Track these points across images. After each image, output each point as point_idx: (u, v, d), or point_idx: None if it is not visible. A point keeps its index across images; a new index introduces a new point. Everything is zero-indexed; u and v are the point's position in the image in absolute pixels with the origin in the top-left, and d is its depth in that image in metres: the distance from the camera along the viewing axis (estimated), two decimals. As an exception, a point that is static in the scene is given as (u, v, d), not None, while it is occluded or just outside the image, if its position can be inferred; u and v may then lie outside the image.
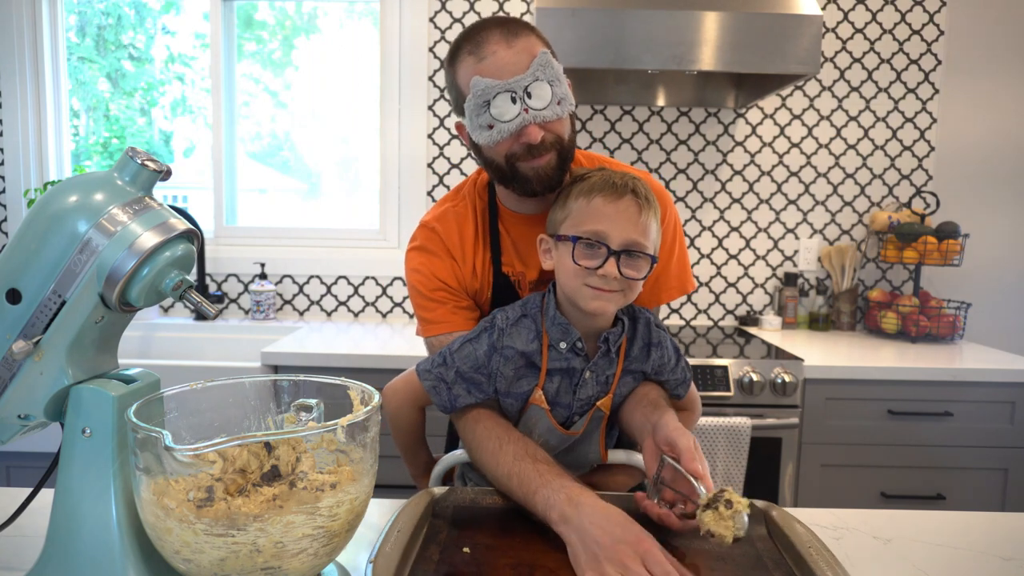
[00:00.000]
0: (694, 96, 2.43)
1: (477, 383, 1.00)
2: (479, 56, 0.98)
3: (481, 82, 0.97)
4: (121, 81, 2.81)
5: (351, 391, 0.77)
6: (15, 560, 0.77)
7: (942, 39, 2.48)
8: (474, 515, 0.89)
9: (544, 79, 0.97)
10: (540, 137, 0.99)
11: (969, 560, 0.84)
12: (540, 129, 0.99)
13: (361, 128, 2.69)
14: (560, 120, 1.01)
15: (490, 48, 0.98)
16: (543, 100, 0.98)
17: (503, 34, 0.99)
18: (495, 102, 0.97)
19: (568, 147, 1.03)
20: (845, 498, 1.96)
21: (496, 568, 0.76)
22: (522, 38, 0.99)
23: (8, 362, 0.70)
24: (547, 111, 0.98)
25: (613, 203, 0.94)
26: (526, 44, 0.99)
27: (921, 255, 2.31)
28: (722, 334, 2.39)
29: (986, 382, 1.94)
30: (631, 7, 1.90)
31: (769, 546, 0.81)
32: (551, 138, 1.00)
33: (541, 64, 0.97)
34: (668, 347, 1.06)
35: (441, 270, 1.11)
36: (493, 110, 0.98)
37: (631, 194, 0.94)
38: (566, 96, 1.01)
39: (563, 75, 1.01)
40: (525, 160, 1.00)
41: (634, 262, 0.95)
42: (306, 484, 0.66)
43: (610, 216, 0.93)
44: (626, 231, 0.93)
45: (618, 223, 0.93)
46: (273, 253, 2.54)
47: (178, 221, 0.71)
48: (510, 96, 0.97)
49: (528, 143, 0.99)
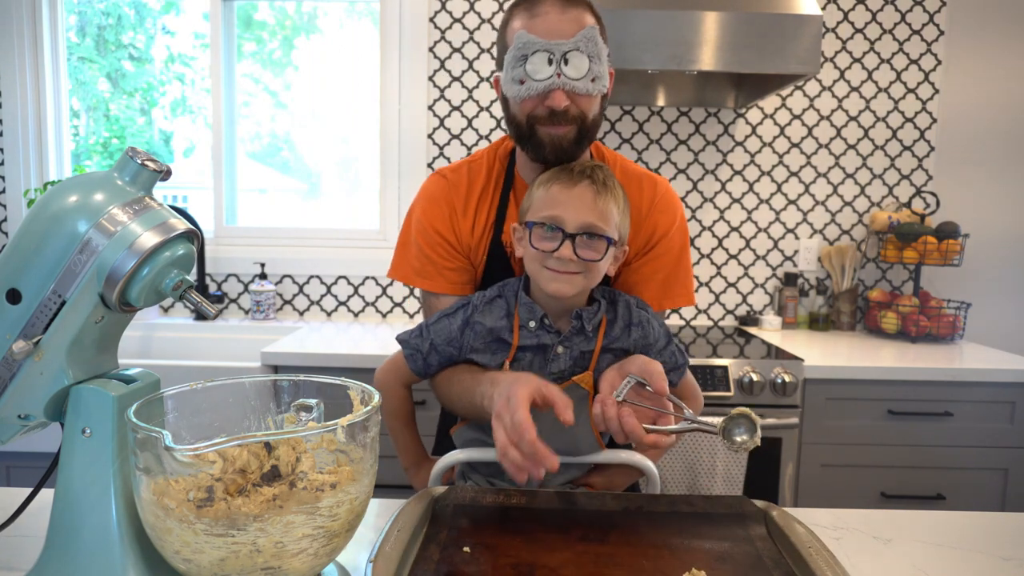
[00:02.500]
0: (694, 96, 2.43)
1: (449, 355, 1.07)
2: (532, 13, 1.02)
3: (525, 36, 1.00)
4: (121, 81, 2.81)
5: (351, 391, 0.77)
6: (15, 560, 0.77)
7: (942, 39, 2.48)
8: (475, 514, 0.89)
9: (585, 52, 1.00)
10: (564, 105, 1.01)
11: (969, 560, 0.84)
12: (567, 97, 1.01)
13: (361, 128, 2.69)
14: (589, 97, 1.03)
15: (544, 8, 1.01)
16: (579, 71, 1.00)
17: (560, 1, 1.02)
18: (532, 58, 0.99)
19: (590, 126, 1.06)
20: (845, 498, 1.96)
21: (496, 567, 0.76)
22: (578, 8, 1.03)
23: (8, 362, 0.70)
24: (580, 83, 1.00)
25: (569, 189, 0.98)
26: (578, 14, 1.02)
27: (921, 255, 2.31)
28: (722, 334, 2.39)
29: (986, 382, 1.94)
30: (631, 7, 1.90)
31: (769, 546, 0.82)
32: (575, 111, 1.02)
33: (586, 36, 1.00)
34: (654, 328, 1.06)
35: (441, 222, 1.14)
36: (528, 66, 1.00)
37: (587, 179, 0.98)
38: (602, 76, 1.03)
39: (606, 57, 1.04)
40: (545, 124, 1.03)
41: (591, 244, 0.98)
42: (306, 484, 0.66)
43: (565, 201, 0.97)
44: (581, 214, 0.97)
45: (573, 207, 0.97)
46: (273, 253, 2.54)
47: (178, 221, 0.71)
48: (548, 57, 0.99)
49: (552, 107, 1.01)
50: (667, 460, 1.82)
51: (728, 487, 1.83)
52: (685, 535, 0.84)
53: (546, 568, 0.76)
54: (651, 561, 0.78)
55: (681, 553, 0.79)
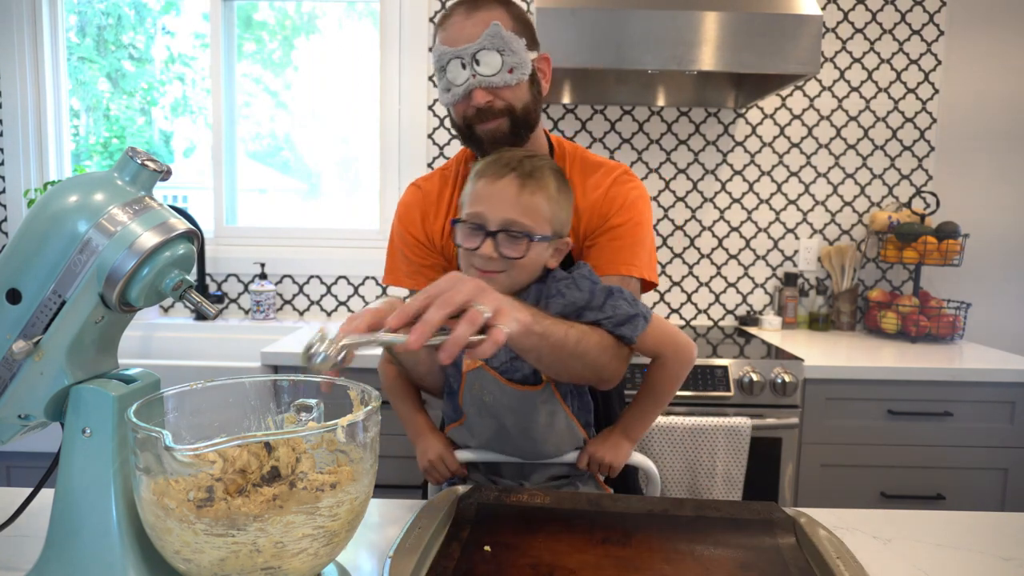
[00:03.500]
0: (694, 96, 2.43)
1: None
2: (444, 26, 1.09)
3: (439, 49, 1.07)
4: (121, 81, 2.81)
5: (351, 391, 0.76)
6: (15, 560, 0.77)
7: (942, 39, 2.48)
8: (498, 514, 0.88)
9: (492, 48, 1.04)
10: (486, 101, 1.06)
11: (969, 560, 0.84)
12: (488, 94, 1.06)
13: (361, 128, 2.69)
14: (511, 88, 1.07)
15: (452, 20, 1.08)
16: (491, 67, 1.05)
17: (466, 8, 1.07)
18: (448, 68, 1.07)
19: (522, 115, 1.09)
20: (845, 498, 1.96)
21: (515, 567, 0.75)
22: (482, 11, 1.06)
23: (8, 362, 0.70)
24: (495, 78, 1.05)
25: (492, 183, 0.98)
26: (483, 15, 1.06)
27: (921, 255, 2.31)
28: (722, 334, 2.39)
29: (986, 382, 1.94)
30: (631, 7, 1.90)
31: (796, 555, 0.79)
32: (500, 104, 1.07)
33: (490, 34, 1.04)
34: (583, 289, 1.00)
35: (413, 225, 1.20)
36: (448, 75, 1.07)
37: (512, 172, 0.98)
38: (520, 65, 1.06)
39: (522, 46, 1.07)
40: (478, 123, 1.09)
41: (514, 241, 0.97)
42: (306, 484, 0.66)
43: (487, 197, 0.97)
44: (502, 211, 0.96)
45: (495, 203, 0.96)
46: (273, 253, 2.54)
47: (178, 221, 0.71)
48: (460, 62, 1.06)
49: (476, 106, 1.06)
50: (667, 460, 1.82)
51: (728, 487, 1.83)
52: (710, 541, 0.82)
53: (565, 570, 0.75)
54: (673, 566, 0.76)
55: (705, 560, 0.78)
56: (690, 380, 1.89)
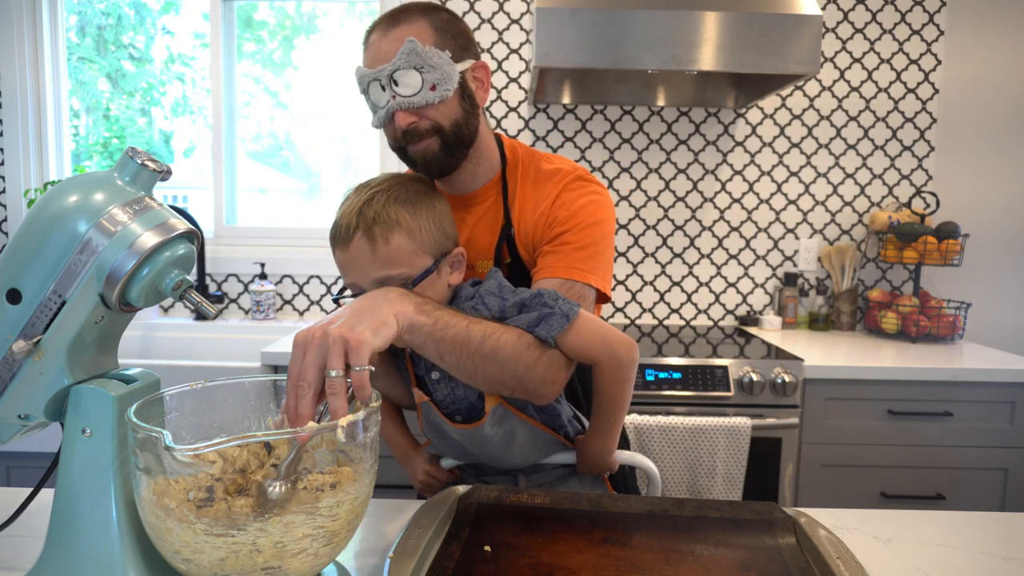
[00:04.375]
0: (694, 96, 2.43)
1: None
2: (366, 47, 1.03)
3: (360, 71, 1.02)
4: (121, 81, 2.81)
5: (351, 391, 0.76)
6: (15, 560, 0.77)
7: (942, 39, 2.48)
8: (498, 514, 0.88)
9: (409, 66, 0.98)
10: (408, 123, 1.00)
11: (969, 560, 0.84)
12: (410, 115, 1.00)
13: (361, 128, 2.69)
14: (434, 106, 1.00)
15: (371, 39, 1.02)
16: (410, 87, 0.99)
17: (385, 25, 1.01)
18: (370, 90, 1.02)
19: (452, 132, 1.02)
20: (845, 498, 1.96)
21: (515, 567, 0.75)
22: (400, 27, 1.00)
23: (8, 362, 0.70)
24: (416, 97, 0.99)
25: (345, 252, 0.94)
26: (400, 32, 0.99)
27: (921, 255, 2.31)
28: (722, 334, 2.39)
29: (986, 382, 1.94)
30: (631, 7, 1.90)
31: (797, 555, 0.79)
32: (427, 124, 1.01)
33: (405, 52, 0.97)
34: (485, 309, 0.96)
35: None
36: (372, 97, 1.02)
37: (358, 232, 0.92)
38: (442, 80, 0.99)
39: (444, 59, 0.99)
40: (408, 144, 1.03)
41: None
42: (306, 484, 0.66)
43: (349, 265, 0.95)
44: (366, 274, 0.94)
45: (357, 269, 0.94)
46: (273, 253, 2.54)
47: (178, 221, 0.71)
48: (379, 84, 1.00)
49: (400, 128, 1.01)
50: (667, 460, 1.82)
51: (728, 487, 1.83)
52: (710, 541, 0.82)
53: (565, 570, 0.75)
54: (673, 566, 0.76)
55: (705, 560, 0.78)
56: (690, 380, 1.89)
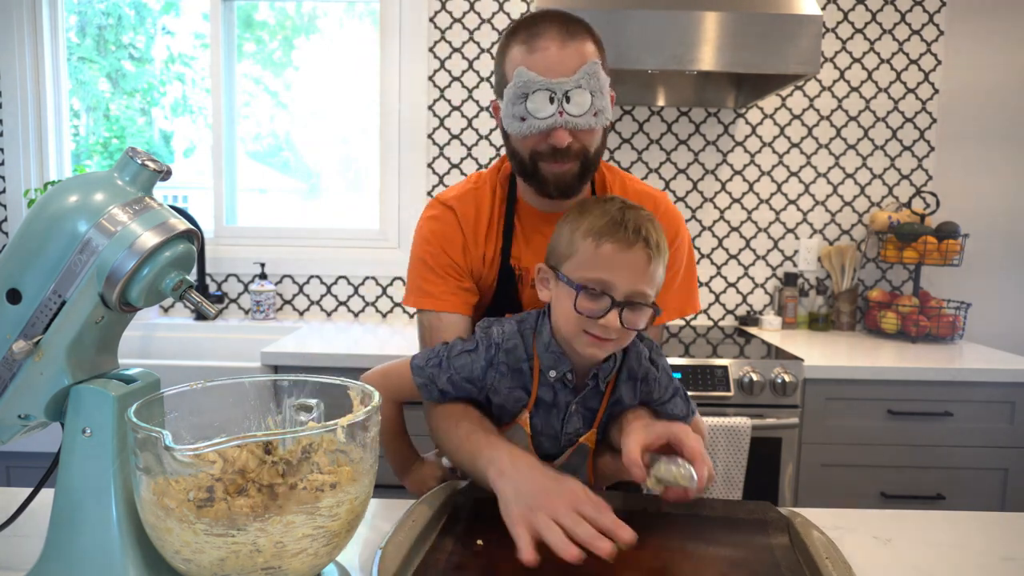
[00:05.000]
0: (694, 96, 2.43)
1: (467, 393, 1.00)
2: (531, 47, 0.98)
3: (525, 74, 0.97)
4: (121, 81, 2.81)
5: (351, 391, 0.77)
6: (15, 560, 0.77)
7: (942, 39, 2.48)
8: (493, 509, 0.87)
9: (587, 88, 0.97)
10: (567, 143, 0.98)
11: (969, 560, 0.84)
12: (569, 135, 0.98)
13: (361, 128, 2.69)
14: (592, 131, 1.00)
15: (543, 43, 0.98)
16: (580, 108, 0.97)
17: (559, 32, 0.98)
18: (533, 97, 0.97)
19: (593, 159, 1.03)
20: (845, 498, 1.96)
21: (506, 562, 0.76)
22: (577, 40, 0.99)
23: (8, 362, 0.70)
24: (581, 119, 0.97)
25: (623, 253, 0.90)
26: (579, 48, 0.98)
27: (921, 255, 2.31)
28: (722, 334, 2.39)
29: (986, 382, 1.94)
30: (631, 7, 1.90)
31: (789, 555, 0.79)
32: (577, 147, 1.00)
33: (588, 72, 0.97)
34: (661, 381, 1.02)
35: (452, 248, 1.10)
36: (529, 104, 0.97)
37: (642, 243, 0.90)
38: (604, 109, 1.00)
39: (608, 87, 1.01)
40: (548, 161, 1.01)
41: (637, 312, 0.92)
42: (306, 484, 0.66)
43: (618, 266, 0.90)
44: (632, 282, 0.90)
45: (626, 274, 0.90)
46: (273, 253, 2.54)
47: (178, 221, 0.71)
48: (549, 95, 0.97)
49: (554, 145, 0.99)
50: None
51: (728, 487, 1.83)
52: (703, 540, 0.82)
53: (554, 565, 0.75)
54: (662, 563, 0.77)
55: (696, 558, 0.78)
56: (690, 380, 1.89)
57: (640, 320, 0.92)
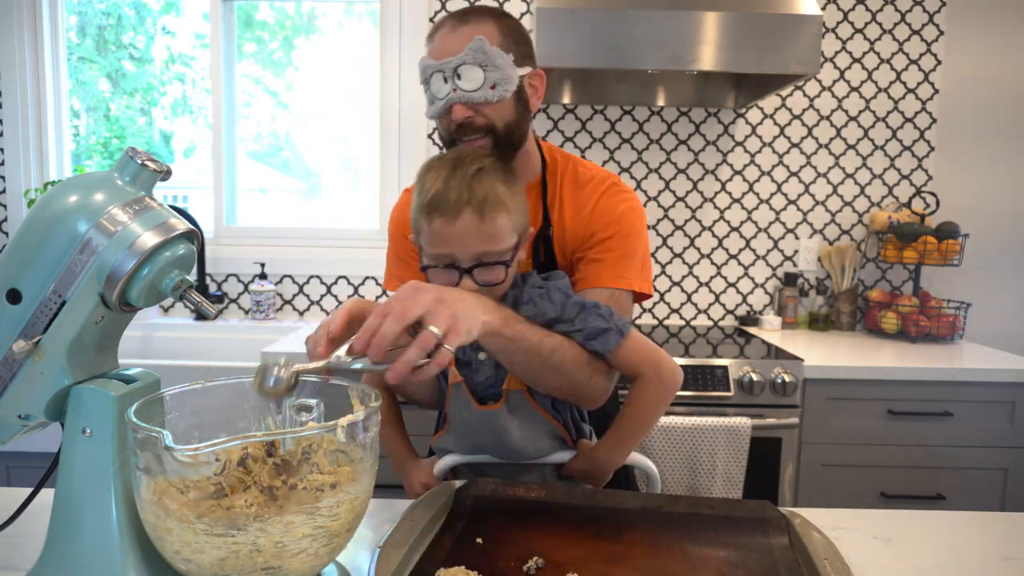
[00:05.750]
0: (694, 96, 2.43)
1: None
2: (431, 39, 1.08)
3: (424, 61, 1.07)
4: (121, 81, 2.81)
5: (351, 391, 0.77)
6: (15, 560, 0.77)
7: (942, 39, 2.48)
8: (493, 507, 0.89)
9: (474, 62, 1.02)
10: (465, 117, 1.04)
11: (969, 560, 0.84)
12: (468, 109, 1.04)
13: (361, 128, 2.69)
14: (492, 104, 1.04)
15: (439, 32, 1.07)
16: (473, 82, 1.03)
17: (453, 21, 1.06)
18: (432, 80, 1.06)
19: (504, 133, 1.06)
20: (845, 498, 1.96)
21: (504, 560, 0.76)
22: (470, 24, 1.04)
23: (8, 362, 0.70)
24: (476, 93, 1.03)
25: (452, 224, 0.93)
26: (469, 30, 1.04)
27: (921, 255, 2.31)
28: (722, 334, 2.39)
29: (986, 382, 1.94)
30: (631, 7, 1.90)
31: (787, 555, 0.79)
32: (481, 121, 1.05)
33: (474, 48, 1.02)
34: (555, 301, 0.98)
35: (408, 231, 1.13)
36: (432, 88, 1.06)
37: (467, 208, 0.92)
38: (503, 80, 1.04)
39: (507, 62, 1.04)
40: (461, 139, 1.07)
41: (489, 270, 0.95)
42: (306, 484, 0.66)
43: (452, 238, 0.93)
44: (468, 247, 0.93)
45: (462, 242, 0.93)
46: (273, 253, 2.54)
47: (178, 221, 0.71)
48: (442, 76, 1.04)
49: (456, 121, 1.05)
50: (667, 460, 1.82)
51: (728, 487, 1.83)
52: (702, 539, 0.82)
53: (553, 563, 0.75)
54: (661, 562, 0.77)
55: (694, 557, 0.78)
56: (690, 380, 1.89)
57: (495, 275, 0.95)
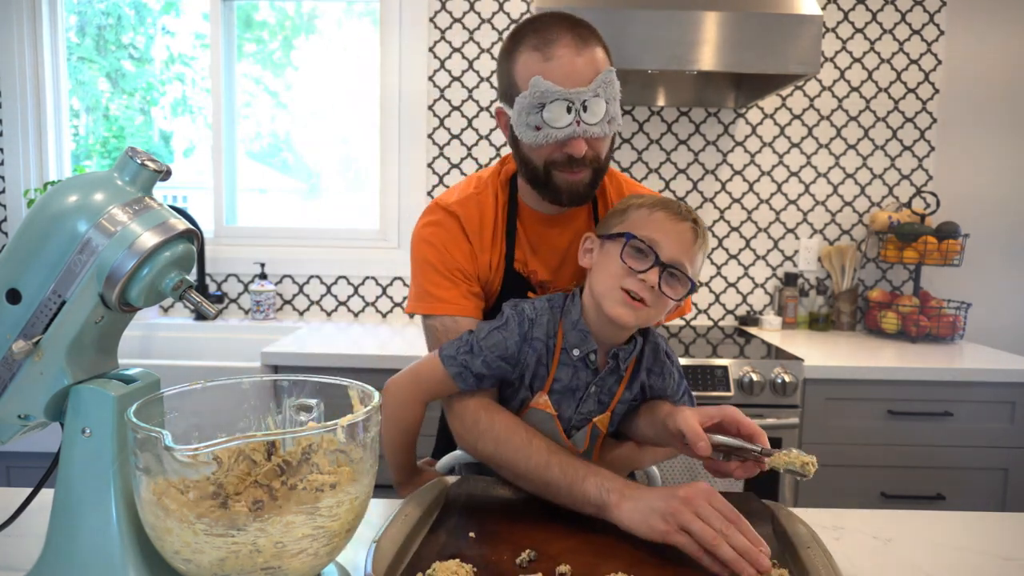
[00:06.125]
0: (694, 96, 2.43)
1: (502, 372, 0.99)
2: (546, 55, 0.97)
3: (543, 84, 0.95)
4: (121, 81, 2.81)
5: (351, 391, 0.76)
6: (15, 560, 0.77)
7: (942, 39, 2.48)
8: (486, 503, 0.91)
9: (603, 96, 0.97)
10: (584, 152, 0.98)
11: (969, 560, 0.84)
12: (586, 144, 0.99)
13: (361, 128, 2.69)
14: (605, 138, 1.01)
15: (559, 51, 0.96)
16: (596, 116, 0.97)
17: (574, 39, 0.97)
18: (550, 107, 0.96)
19: (603, 166, 1.04)
20: (845, 498, 1.96)
21: (497, 552, 0.78)
22: (591, 48, 0.98)
23: (8, 362, 0.70)
24: (597, 127, 0.98)
25: (673, 221, 0.95)
26: (593, 56, 0.98)
27: (921, 255, 2.31)
28: (722, 334, 2.39)
29: (986, 382, 1.94)
30: (631, 7, 1.90)
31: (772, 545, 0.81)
32: (591, 155, 1.00)
33: (605, 81, 0.97)
34: (674, 378, 1.05)
35: (458, 253, 1.09)
36: (546, 114, 0.96)
37: (691, 223, 0.96)
38: (616, 116, 1.01)
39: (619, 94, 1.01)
40: (562, 171, 1.01)
41: (676, 281, 0.94)
42: (306, 484, 0.66)
43: (667, 231, 0.94)
44: (678, 249, 0.94)
45: (673, 239, 0.94)
46: (273, 253, 2.54)
47: (178, 221, 0.71)
48: (567, 105, 0.96)
49: (571, 154, 0.99)
50: (667, 460, 1.82)
51: (728, 488, 1.83)
52: None
53: (545, 556, 0.78)
54: (647, 552, 0.79)
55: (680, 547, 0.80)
56: (690, 380, 1.89)
57: (676, 290, 0.94)
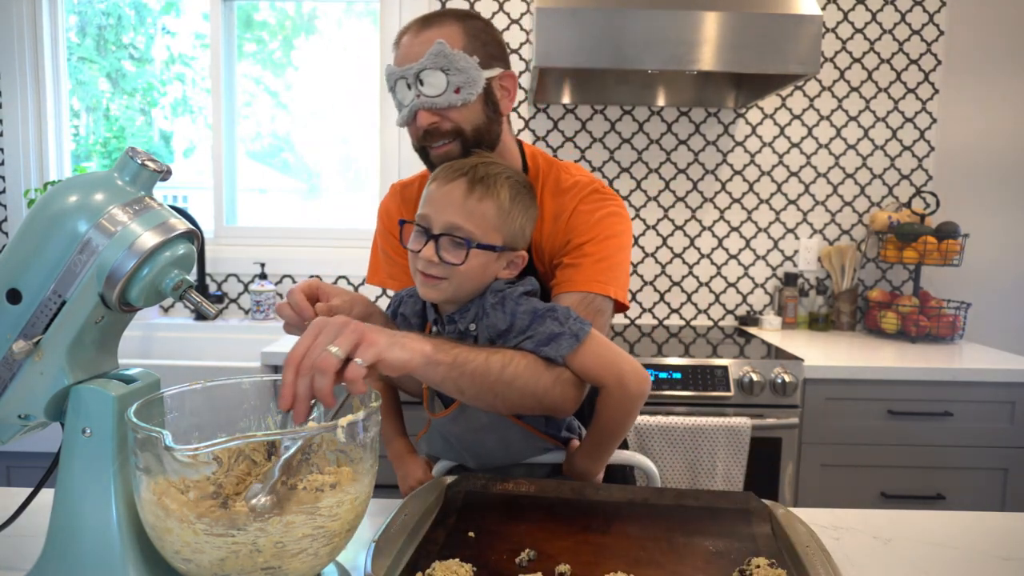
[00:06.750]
0: (694, 96, 2.43)
1: None
2: (396, 46, 1.08)
3: (388, 69, 1.06)
4: (121, 81, 2.81)
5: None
6: (15, 560, 0.77)
7: (942, 39, 2.48)
8: (485, 501, 0.91)
9: (436, 67, 1.01)
10: (430, 123, 1.04)
11: (969, 560, 0.84)
12: (433, 115, 1.03)
13: (361, 128, 2.69)
14: (458, 108, 1.03)
15: (403, 39, 1.06)
16: (436, 87, 1.02)
17: (416, 26, 1.05)
18: (397, 88, 1.06)
19: (473, 137, 1.06)
20: (845, 498, 1.96)
21: (496, 552, 0.78)
22: (432, 29, 1.03)
23: (8, 362, 0.70)
24: (440, 98, 1.02)
25: (442, 187, 0.94)
26: (431, 34, 1.03)
27: (921, 255, 2.31)
28: (722, 334, 2.39)
29: (986, 382, 1.94)
30: (631, 7, 1.90)
31: (770, 544, 0.82)
32: (448, 126, 1.04)
33: (434, 53, 1.01)
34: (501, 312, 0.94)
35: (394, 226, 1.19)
36: (397, 95, 1.06)
37: (463, 178, 0.93)
38: (467, 84, 1.03)
39: (472, 64, 1.03)
40: (430, 145, 1.07)
41: (456, 248, 0.92)
42: (306, 484, 0.66)
43: (435, 200, 0.94)
44: (446, 214, 0.92)
45: (441, 206, 0.93)
46: (273, 253, 2.54)
47: (178, 221, 0.71)
48: (406, 83, 1.04)
49: (422, 128, 1.04)
50: (667, 460, 1.82)
51: (727, 487, 1.83)
52: (687, 529, 0.85)
53: (545, 555, 0.77)
54: (648, 553, 0.79)
55: (679, 546, 0.81)
56: (690, 380, 1.89)
57: (455, 254, 0.92)
